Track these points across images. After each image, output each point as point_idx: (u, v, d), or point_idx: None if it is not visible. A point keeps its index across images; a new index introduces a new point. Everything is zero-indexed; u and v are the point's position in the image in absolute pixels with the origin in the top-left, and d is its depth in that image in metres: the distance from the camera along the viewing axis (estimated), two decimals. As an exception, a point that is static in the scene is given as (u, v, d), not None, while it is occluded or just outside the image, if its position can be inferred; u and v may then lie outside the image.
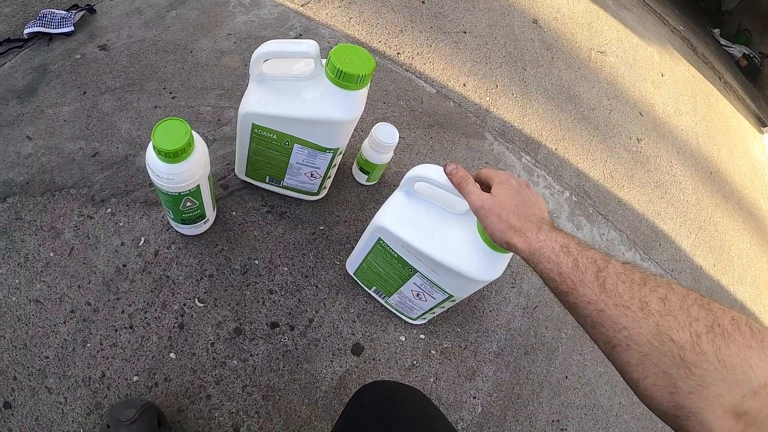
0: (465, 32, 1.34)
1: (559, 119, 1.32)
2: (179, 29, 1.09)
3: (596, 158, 1.31)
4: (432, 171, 0.64)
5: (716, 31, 2.21)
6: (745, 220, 1.57)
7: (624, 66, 1.61)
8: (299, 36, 1.16)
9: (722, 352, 0.34)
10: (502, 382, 0.89)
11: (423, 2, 1.37)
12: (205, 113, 0.98)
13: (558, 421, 0.90)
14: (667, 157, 1.48)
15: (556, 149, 1.26)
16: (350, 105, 0.68)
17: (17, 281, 0.74)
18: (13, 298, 0.73)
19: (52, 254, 0.77)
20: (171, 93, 0.98)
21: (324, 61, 0.67)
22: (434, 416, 0.58)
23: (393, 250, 0.70)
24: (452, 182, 0.60)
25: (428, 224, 0.67)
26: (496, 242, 0.55)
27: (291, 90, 0.69)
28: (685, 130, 1.61)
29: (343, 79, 0.65)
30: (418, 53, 1.23)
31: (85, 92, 0.94)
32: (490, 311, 0.95)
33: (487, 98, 1.24)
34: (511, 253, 0.65)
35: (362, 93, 0.69)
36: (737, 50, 2.19)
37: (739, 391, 0.33)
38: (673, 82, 1.73)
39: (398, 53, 1.20)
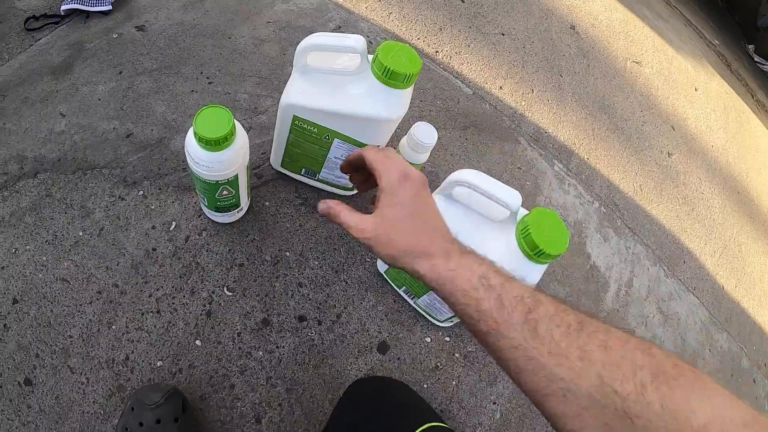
0: (503, 34, 1.32)
1: (593, 128, 1.30)
2: (218, 14, 1.08)
3: (627, 170, 1.29)
4: (474, 176, 0.62)
5: (751, 47, 2.16)
6: (770, 243, 1.55)
7: (659, 78, 1.58)
8: (338, 28, 1.15)
9: (667, 400, 0.32)
10: (522, 389, 0.88)
11: (462, 1, 1.35)
12: (242, 100, 0.97)
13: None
14: (697, 173, 1.46)
15: (588, 158, 1.24)
16: (395, 103, 0.67)
17: (44, 258, 0.74)
18: (40, 275, 0.73)
19: (81, 233, 0.77)
20: (208, 78, 0.97)
21: (370, 57, 0.66)
22: (418, 405, 0.59)
23: (428, 253, 0.69)
24: (329, 219, 0.50)
25: (466, 230, 0.65)
26: (397, 267, 0.45)
27: (335, 84, 0.68)
28: (715, 147, 1.58)
29: (389, 77, 0.64)
30: (456, 53, 1.21)
31: (121, 72, 0.93)
32: (514, 317, 0.94)
33: (523, 102, 1.22)
34: (547, 264, 0.64)
35: (407, 92, 0.68)
36: (772, 68, 2.15)
37: None
38: (706, 98, 1.70)
39: (436, 51, 1.19)
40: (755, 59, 2.15)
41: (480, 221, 0.66)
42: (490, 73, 1.22)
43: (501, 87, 1.22)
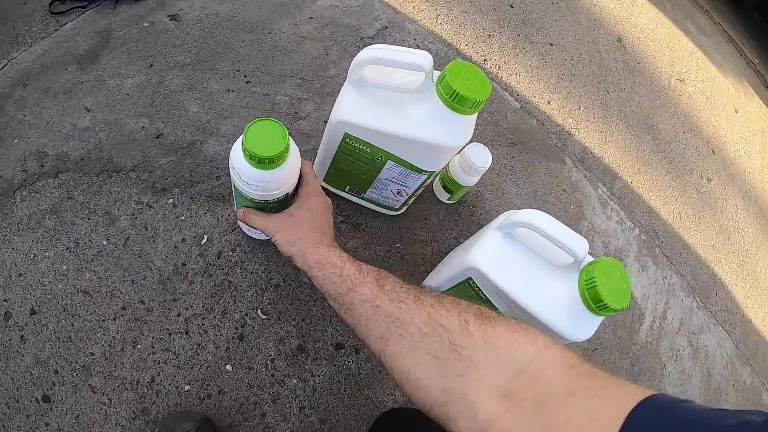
0: (552, 44, 1.26)
1: (637, 150, 1.25)
2: (257, 6, 1.01)
3: (668, 196, 1.24)
4: (541, 220, 0.58)
5: (788, 67, 2.11)
6: (799, 276, 1.51)
7: (701, 97, 1.52)
8: (384, 29, 1.08)
9: (488, 335, 0.37)
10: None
11: (511, 6, 1.28)
12: (282, 103, 0.91)
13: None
14: (734, 201, 1.41)
15: (631, 182, 1.19)
16: (460, 130, 0.62)
17: (65, 267, 0.70)
18: (60, 286, 0.69)
19: (105, 242, 0.72)
20: (245, 76, 0.91)
21: (435, 74, 0.61)
22: None
23: (482, 292, 0.65)
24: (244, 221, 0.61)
25: (526, 273, 0.61)
26: (285, 253, 0.55)
27: (394, 102, 0.62)
28: (752, 172, 1.54)
29: (457, 101, 0.58)
30: (504, 62, 1.15)
31: (151, 65, 0.87)
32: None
33: (570, 120, 1.17)
34: (603, 316, 0.61)
35: (473, 118, 0.63)
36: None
37: (504, 371, 0.35)
38: (745, 120, 1.64)
39: (485, 60, 1.13)
40: (792, 80, 2.09)
41: (541, 264, 0.62)
42: (539, 86, 1.17)
43: (549, 102, 1.16)
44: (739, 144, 1.55)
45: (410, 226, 0.87)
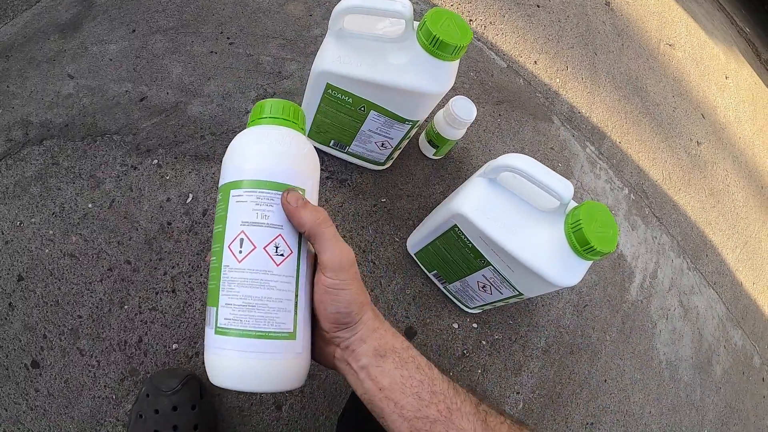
0: (539, 6, 1.25)
1: (625, 111, 1.25)
2: (238, -30, 1.00)
3: (657, 157, 1.24)
4: (525, 163, 0.58)
5: (779, 36, 2.10)
6: (790, 240, 1.52)
7: (690, 63, 1.52)
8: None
9: None
10: (546, 380, 0.86)
11: (496, -31, 1.27)
12: (265, 63, 0.90)
13: (592, 424, 0.88)
14: (724, 164, 1.41)
15: (620, 142, 1.19)
16: (442, 77, 0.62)
17: (51, 232, 0.69)
18: (46, 251, 0.68)
19: (90, 205, 0.72)
20: (228, 38, 0.90)
21: (416, 24, 0.60)
22: None
23: (468, 240, 0.65)
24: (300, 224, 0.37)
25: (511, 218, 0.61)
26: (347, 304, 0.37)
27: (375, 51, 0.62)
28: (742, 138, 1.54)
29: (438, 47, 0.58)
30: (490, 23, 1.14)
31: (134, 30, 0.86)
32: (543, 305, 0.91)
33: (557, 80, 1.17)
34: (591, 261, 0.61)
35: (455, 65, 0.62)
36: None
37: None
38: (735, 87, 1.64)
39: (471, 20, 1.12)
40: (783, 50, 2.08)
41: (526, 210, 0.62)
42: (525, 46, 1.16)
43: (536, 62, 1.16)
44: (729, 110, 1.55)
45: (396, 182, 0.87)
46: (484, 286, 0.71)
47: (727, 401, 1.08)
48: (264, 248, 0.36)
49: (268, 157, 0.38)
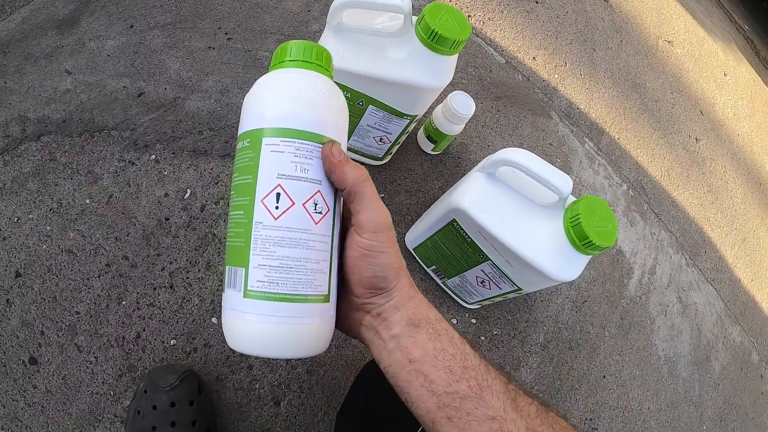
0: (537, 2, 1.25)
1: (624, 107, 1.25)
2: (236, -34, 1.00)
3: (655, 153, 1.24)
4: (524, 157, 0.58)
5: (777, 34, 2.10)
6: (787, 238, 1.52)
7: (689, 60, 1.52)
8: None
9: None
10: (545, 376, 0.86)
11: (494, -35, 1.27)
12: (263, 59, 0.90)
13: (591, 420, 0.88)
14: (722, 161, 1.41)
15: (618, 138, 1.19)
16: (440, 71, 0.61)
17: (49, 228, 0.69)
18: (44, 247, 0.68)
19: (88, 201, 0.72)
20: (227, 34, 0.90)
21: (414, 18, 0.60)
22: None
23: (467, 234, 0.65)
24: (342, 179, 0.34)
25: (510, 212, 0.61)
26: (367, 288, 0.36)
27: (373, 46, 0.61)
28: (741, 135, 1.54)
29: (436, 41, 0.58)
30: (489, 18, 1.14)
31: (132, 26, 0.86)
32: (541, 301, 0.91)
33: (556, 75, 1.17)
34: (590, 256, 0.61)
35: (453, 59, 0.62)
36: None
37: None
38: (734, 84, 1.64)
39: (469, 16, 1.12)
40: (781, 47, 2.08)
41: (525, 204, 0.62)
42: (524, 42, 1.16)
43: (534, 58, 1.16)
44: (727, 107, 1.55)
45: (394, 177, 0.87)
46: (482, 281, 0.71)
47: (726, 397, 1.08)
48: (303, 204, 0.33)
49: (310, 105, 0.34)
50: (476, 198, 0.61)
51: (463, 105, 0.76)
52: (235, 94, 0.84)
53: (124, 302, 0.68)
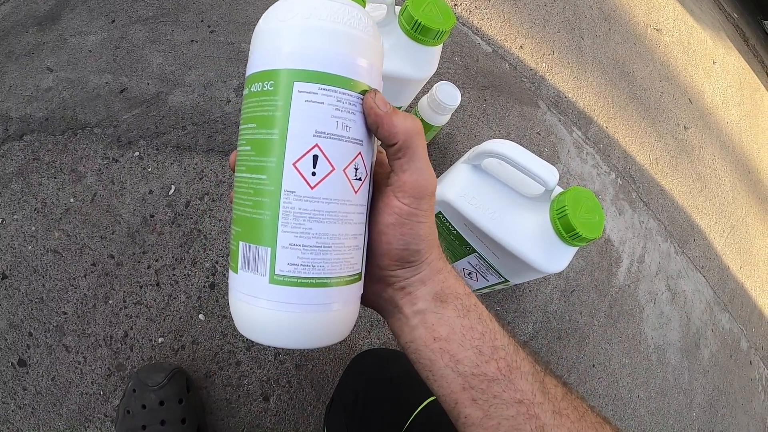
0: (524, -9, 1.25)
1: (612, 95, 1.25)
2: (218, -43, 0.99)
3: (644, 142, 1.24)
4: (509, 149, 0.57)
5: (767, 23, 2.09)
6: (776, 225, 1.53)
7: (678, 48, 1.52)
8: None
9: None
10: (534, 365, 0.86)
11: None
12: (247, 51, 0.87)
13: (580, 409, 0.88)
14: (711, 149, 1.42)
15: (606, 127, 1.19)
16: (424, 62, 0.61)
17: (34, 228, 0.68)
18: (29, 248, 0.67)
19: (72, 200, 0.71)
20: (209, 27, 0.89)
21: (398, 9, 0.60)
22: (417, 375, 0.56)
23: (452, 226, 0.65)
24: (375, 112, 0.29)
25: (496, 204, 0.61)
26: (411, 257, 0.31)
27: (355, 37, 0.61)
28: (730, 123, 1.54)
29: (420, 32, 0.58)
30: (475, 7, 1.14)
31: (113, 21, 0.85)
32: (530, 291, 0.91)
33: (543, 64, 1.16)
34: (577, 247, 0.61)
35: (437, 50, 0.62)
36: (787, 46, 2.09)
37: None
38: (723, 72, 1.64)
39: (455, 5, 1.11)
40: (770, 36, 2.09)
41: (511, 196, 0.61)
42: (511, 31, 1.16)
43: (522, 46, 1.15)
44: (716, 95, 1.55)
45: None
46: (470, 273, 0.71)
47: (715, 384, 1.09)
48: (344, 170, 0.27)
49: (352, 45, 0.27)
50: (461, 190, 0.61)
51: (449, 95, 0.76)
52: (219, 87, 0.83)
53: (110, 301, 0.67)
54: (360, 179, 0.28)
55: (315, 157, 0.26)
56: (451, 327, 0.31)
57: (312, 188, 0.26)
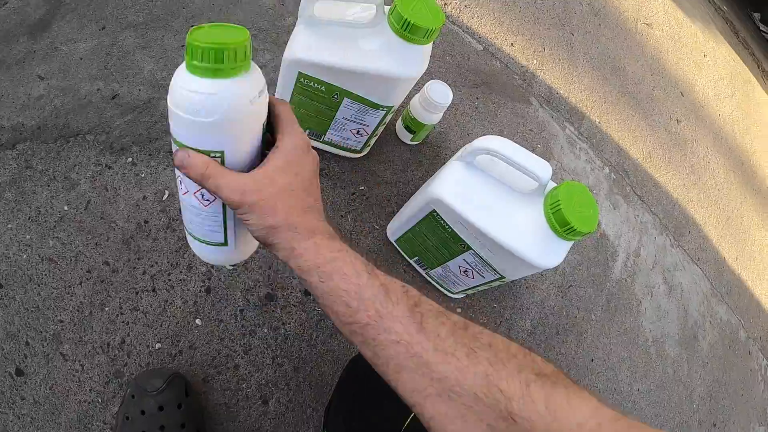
0: (513, -12, 1.25)
1: (604, 91, 1.25)
2: (208, -39, 0.99)
3: (637, 136, 1.25)
4: (502, 145, 0.58)
5: (757, 15, 2.10)
6: (770, 215, 1.54)
7: (668, 41, 1.53)
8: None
9: (550, 401, 0.31)
10: (533, 361, 0.86)
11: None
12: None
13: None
14: (704, 142, 1.42)
15: (599, 122, 1.19)
16: (414, 60, 0.61)
17: (28, 237, 0.68)
18: (24, 256, 0.67)
19: (66, 207, 0.71)
20: (200, 31, 0.89)
21: (387, 9, 0.60)
22: None
23: (447, 224, 0.65)
24: (189, 177, 0.38)
25: (489, 201, 0.61)
26: (262, 240, 0.40)
27: (346, 38, 0.61)
28: (722, 116, 1.55)
29: (409, 31, 0.58)
30: (465, 5, 1.14)
31: (104, 27, 0.85)
32: (527, 287, 0.91)
33: (534, 61, 1.17)
34: (572, 242, 0.61)
35: (427, 48, 0.62)
36: (777, 38, 2.10)
37: None
38: (714, 65, 1.65)
39: (445, 3, 1.12)
40: (761, 28, 2.09)
41: (504, 192, 0.62)
42: (501, 28, 1.16)
43: (512, 44, 1.16)
44: (708, 87, 1.56)
45: (374, 169, 0.87)
46: (465, 271, 0.71)
47: (715, 375, 1.10)
48: (193, 194, 0.40)
49: (187, 127, 0.36)
50: (455, 188, 0.62)
51: (440, 94, 0.76)
52: (211, 92, 0.83)
53: (107, 308, 0.67)
54: (208, 200, 0.41)
55: (181, 181, 0.41)
56: (322, 290, 0.37)
57: (182, 195, 0.42)
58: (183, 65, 0.35)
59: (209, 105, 0.34)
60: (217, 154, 0.37)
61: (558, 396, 0.31)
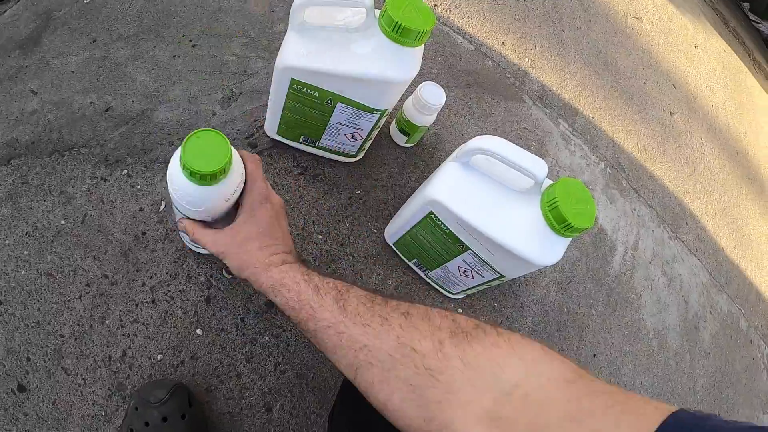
0: (502, -13, 1.25)
1: (596, 86, 1.26)
2: (197, -29, 0.99)
3: (631, 130, 1.25)
4: (497, 144, 0.58)
5: (746, 5, 2.10)
6: (766, 204, 1.54)
7: (659, 34, 1.53)
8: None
9: (467, 355, 0.33)
10: (535, 359, 0.86)
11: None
12: (230, 63, 0.89)
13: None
14: (698, 133, 1.43)
15: (593, 118, 1.20)
16: (406, 63, 0.61)
17: (26, 253, 0.68)
18: (22, 272, 0.67)
19: (63, 222, 0.71)
20: (191, 40, 0.89)
21: (377, 12, 0.60)
22: None
23: (445, 226, 0.65)
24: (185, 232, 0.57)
25: (486, 201, 0.61)
26: (239, 276, 0.52)
27: (337, 42, 0.61)
28: (715, 106, 1.55)
29: (400, 33, 0.58)
30: (455, 6, 1.14)
31: (95, 40, 0.85)
32: (526, 285, 0.91)
33: (526, 59, 1.17)
34: (570, 238, 0.61)
35: (419, 51, 0.62)
36: (766, 27, 2.10)
37: (489, 394, 0.31)
38: (705, 56, 1.66)
39: (435, 5, 1.12)
40: (750, 17, 2.10)
41: (501, 191, 0.62)
42: (492, 28, 1.16)
43: (503, 43, 1.16)
44: (700, 79, 1.57)
45: (370, 173, 0.88)
46: (465, 271, 0.71)
47: (717, 366, 1.10)
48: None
49: (182, 206, 0.53)
50: (451, 189, 0.62)
51: (434, 95, 0.76)
52: (203, 101, 0.83)
53: (107, 321, 0.67)
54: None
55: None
56: (275, 301, 0.48)
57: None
58: (179, 167, 0.47)
59: (197, 199, 0.50)
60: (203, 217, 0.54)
61: (477, 350, 0.33)
